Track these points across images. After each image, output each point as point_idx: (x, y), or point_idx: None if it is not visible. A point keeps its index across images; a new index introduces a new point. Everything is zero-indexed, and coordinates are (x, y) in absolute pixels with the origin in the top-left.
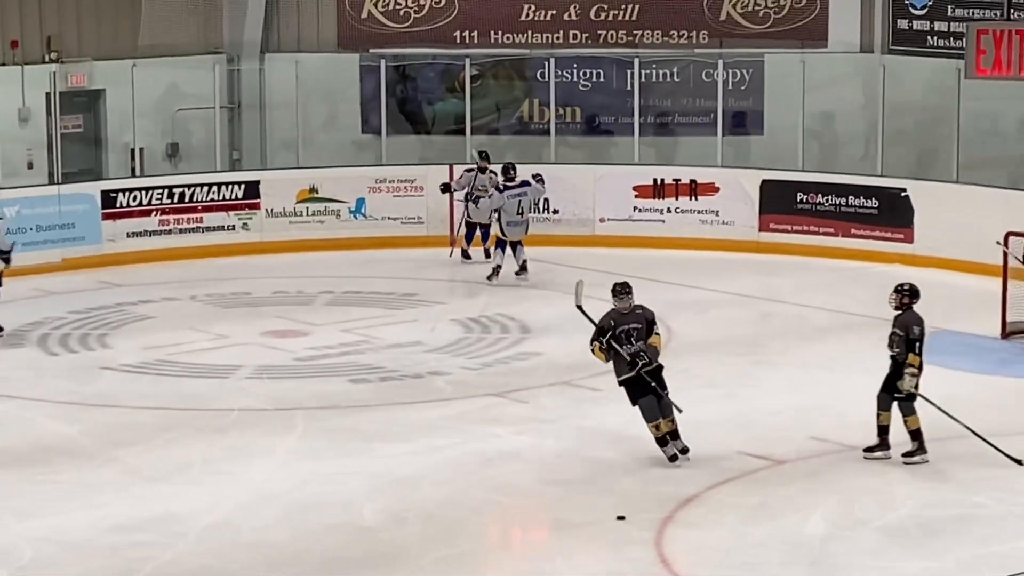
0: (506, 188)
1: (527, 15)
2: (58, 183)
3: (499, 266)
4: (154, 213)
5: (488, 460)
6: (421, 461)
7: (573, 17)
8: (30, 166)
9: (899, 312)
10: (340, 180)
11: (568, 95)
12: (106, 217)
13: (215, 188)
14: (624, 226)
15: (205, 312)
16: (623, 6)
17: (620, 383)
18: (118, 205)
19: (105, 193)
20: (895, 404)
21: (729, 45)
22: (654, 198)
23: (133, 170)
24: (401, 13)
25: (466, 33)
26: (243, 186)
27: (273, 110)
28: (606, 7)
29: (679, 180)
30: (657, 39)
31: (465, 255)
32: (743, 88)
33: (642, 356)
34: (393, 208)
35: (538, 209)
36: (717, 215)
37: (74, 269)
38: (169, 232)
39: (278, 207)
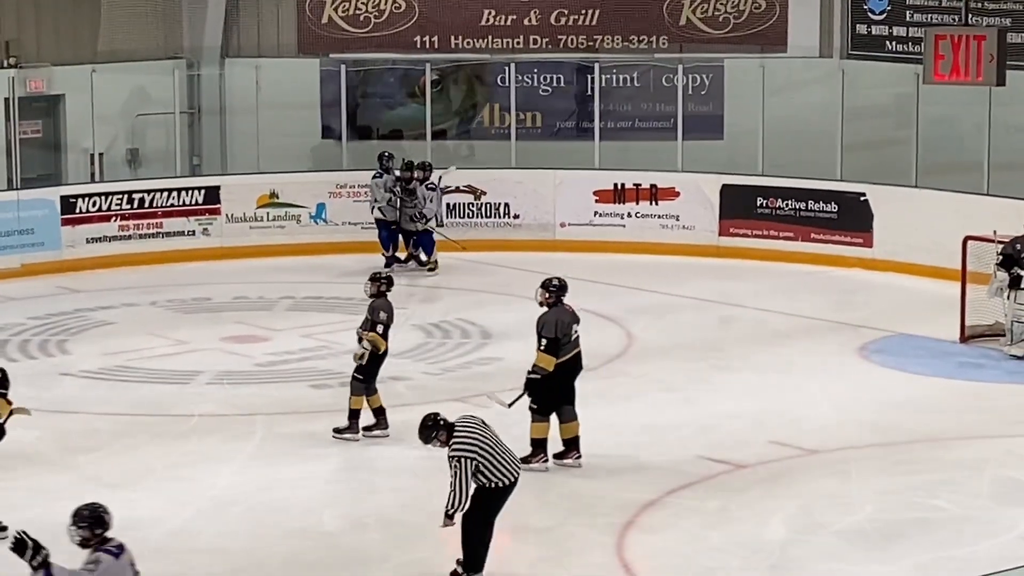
0: (433, 187)
1: (487, 20)
2: (17, 188)
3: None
4: (114, 219)
5: (446, 466)
6: (382, 466)
7: (533, 22)
8: None
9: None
10: (301, 185)
11: (528, 100)
12: (65, 223)
13: (175, 193)
14: (585, 231)
15: (165, 318)
16: (583, 11)
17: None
18: (78, 211)
19: (64, 199)
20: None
21: (689, 50)
22: (614, 203)
23: (93, 175)
24: (361, 18)
25: (426, 38)
26: (203, 191)
27: (233, 115)
28: (566, 12)
29: (639, 185)
30: (617, 44)
31: (397, 260)
32: (703, 93)
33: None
34: (354, 213)
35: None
36: (678, 220)
37: (33, 275)
38: (129, 238)
39: (238, 212)
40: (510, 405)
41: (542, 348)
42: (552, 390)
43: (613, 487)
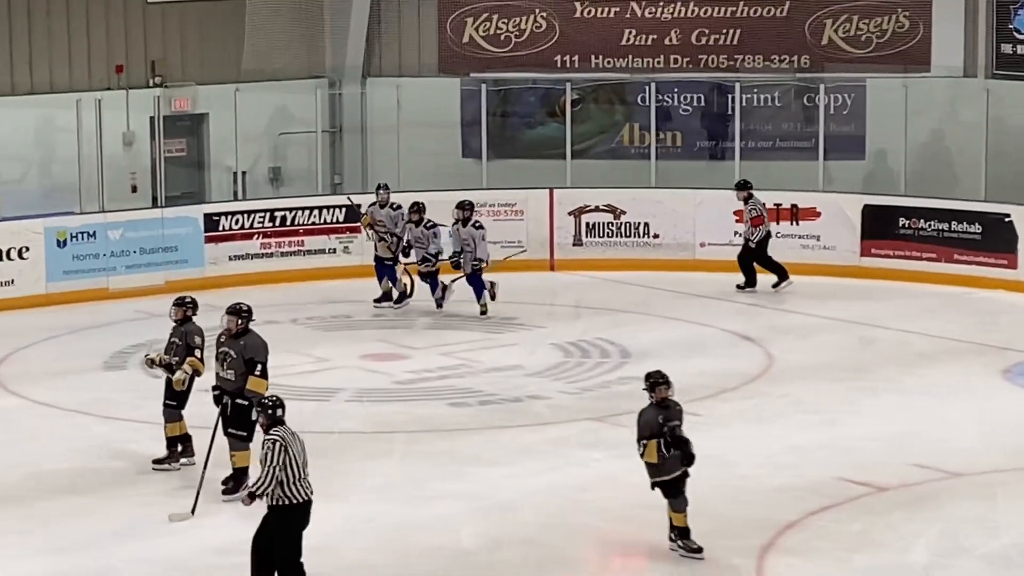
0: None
1: (628, 39)
2: (162, 206)
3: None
4: (256, 236)
5: (586, 485)
6: (520, 485)
7: (674, 42)
8: (134, 189)
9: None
10: (440, 203)
11: (668, 119)
12: (209, 240)
13: (316, 211)
14: (724, 251)
15: (306, 335)
16: (724, 31)
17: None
18: (220, 228)
19: (208, 216)
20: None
21: (831, 70)
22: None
23: (235, 193)
24: (502, 38)
25: (567, 57)
26: (344, 210)
27: (374, 134)
28: (707, 31)
29: (780, 205)
30: (758, 64)
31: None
32: (845, 113)
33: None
34: (493, 232)
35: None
36: (818, 240)
37: (177, 291)
38: (271, 255)
39: None
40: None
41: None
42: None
43: (753, 508)
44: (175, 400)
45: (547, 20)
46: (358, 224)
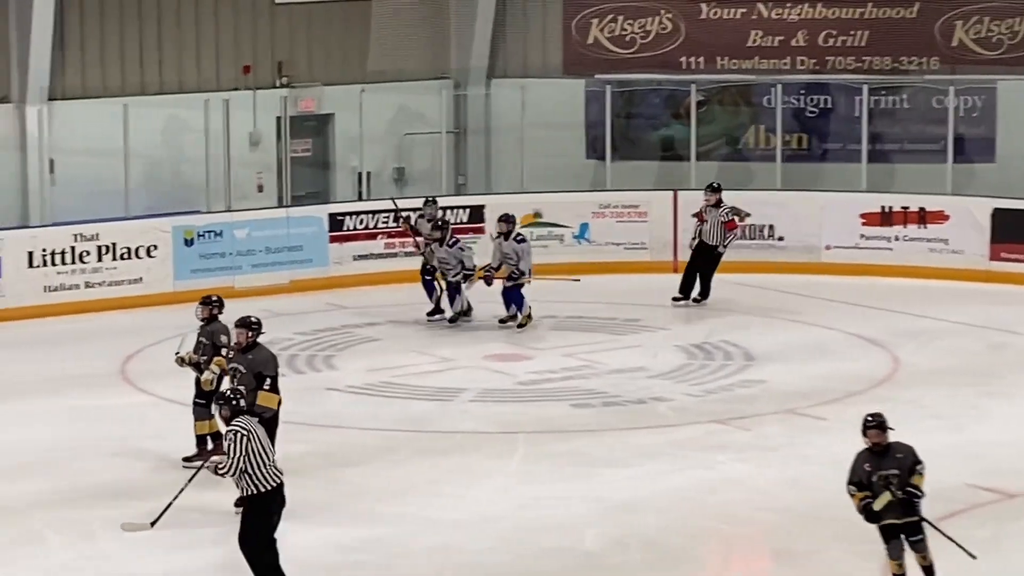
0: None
1: (754, 41)
2: (287, 206)
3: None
4: (380, 236)
5: (710, 487)
6: (643, 487)
7: (801, 43)
8: (260, 189)
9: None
10: (564, 205)
11: (795, 121)
12: (333, 240)
13: (440, 212)
14: (850, 254)
15: (429, 335)
16: (852, 32)
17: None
18: (345, 228)
19: (332, 216)
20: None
21: (961, 71)
22: (881, 225)
23: (360, 194)
24: (627, 39)
25: (692, 59)
26: (468, 210)
27: (498, 135)
28: (835, 33)
29: (907, 208)
30: (886, 65)
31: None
32: (975, 115)
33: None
34: (617, 233)
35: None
36: (946, 243)
37: (302, 291)
38: (395, 255)
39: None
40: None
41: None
42: None
43: None
44: (204, 399)
45: (672, 21)
46: (482, 224)
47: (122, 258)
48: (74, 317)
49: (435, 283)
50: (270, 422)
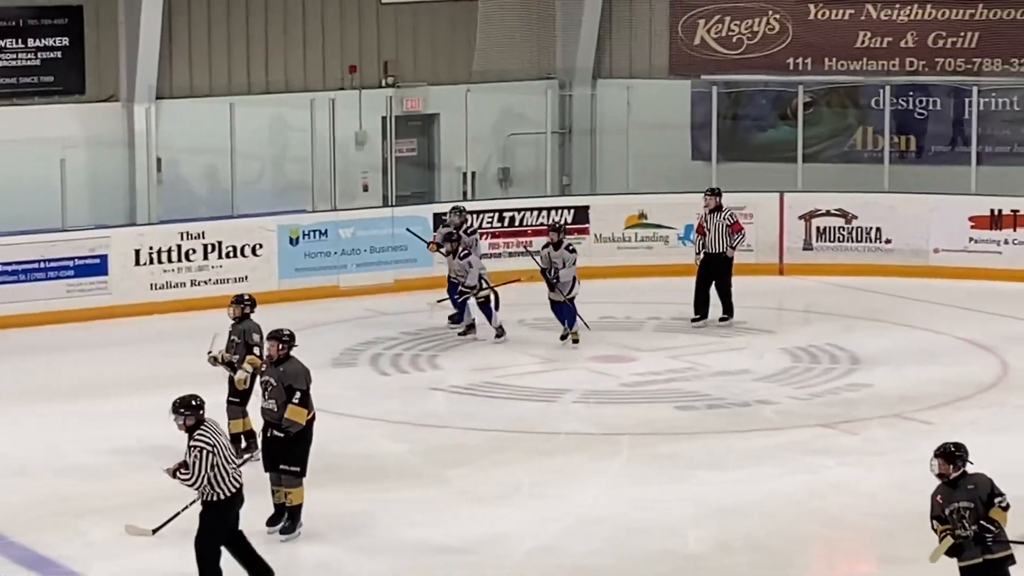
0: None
1: (862, 42)
2: (392, 206)
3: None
4: (484, 236)
5: (815, 492)
6: (747, 490)
7: (910, 44)
8: (365, 188)
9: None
10: (670, 206)
11: (903, 123)
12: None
13: (544, 212)
14: (959, 257)
15: (533, 336)
16: (962, 33)
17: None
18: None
19: (437, 216)
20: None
21: None
22: (991, 229)
23: (465, 194)
24: (734, 39)
25: (799, 60)
26: (572, 211)
27: (604, 135)
28: (944, 34)
29: (1017, 211)
30: (997, 67)
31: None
32: None
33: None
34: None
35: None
36: None
37: (406, 290)
38: (499, 255)
39: (607, 232)
40: None
41: None
42: None
43: None
44: (238, 397)
45: (780, 22)
46: (586, 225)
47: (227, 256)
48: (179, 315)
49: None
50: (302, 435)
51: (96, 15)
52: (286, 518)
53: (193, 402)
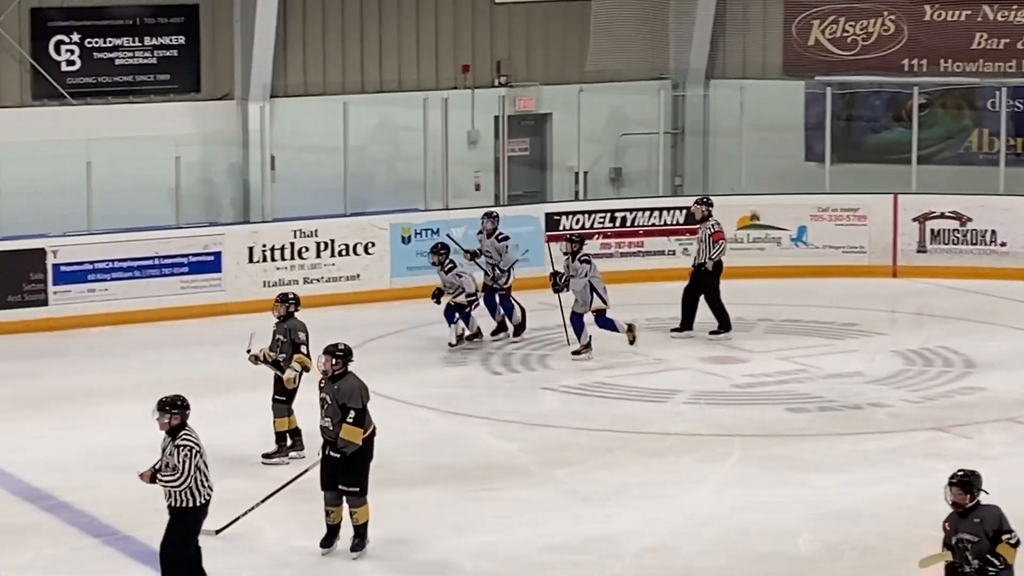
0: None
1: (979, 43)
2: (504, 205)
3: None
4: (596, 236)
5: (929, 495)
6: (859, 493)
7: None
8: (477, 188)
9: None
10: (782, 207)
11: (1020, 125)
12: (550, 239)
13: (656, 213)
14: None
15: (644, 336)
16: None
17: None
18: (561, 228)
19: (549, 216)
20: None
21: None
22: None
23: (576, 194)
24: (848, 40)
25: (915, 61)
26: (684, 212)
27: (716, 136)
28: None
29: None
30: None
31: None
32: None
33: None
34: (835, 237)
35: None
36: None
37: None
38: (610, 255)
39: None
40: None
41: None
42: None
43: None
44: (284, 396)
45: (895, 23)
46: (696, 227)
47: (340, 255)
48: None
49: (508, 303)
50: (361, 454)
51: (212, 14)
52: (354, 536)
53: (179, 402)
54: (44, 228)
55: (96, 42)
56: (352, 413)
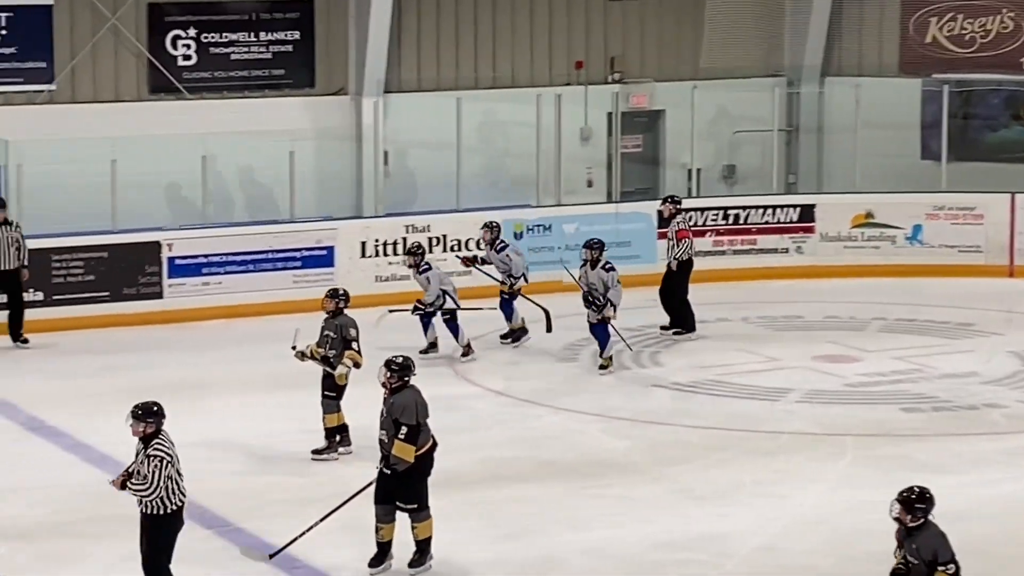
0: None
1: None
2: (616, 202)
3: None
4: (709, 234)
5: None
6: (973, 494)
7: None
8: (589, 184)
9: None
10: (897, 206)
11: None
12: (661, 236)
13: (770, 211)
14: None
15: (756, 334)
16: None
17: None
18: None
19: (660, 213)
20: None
21: None
22: None
23: (690, 191)
24: (967, 38)
25: None
26: (798, 209)
27: (831, 134)
28: None
29: None
30: None
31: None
32: None
33: None
34: (951, 236)
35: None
36: None
37: (629, 287)
38: (723, 253)
39: (832, 231)
40: None
41: None
42: None
43: None
44: (334, 392)
45: (1014, 20)
46: (812, 224)
47: (452, 250)
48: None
49: (510, 308)
50: (417, 470)
51: (327, 9)
52: (415, 551)
53: (155, 408)
54: (159, 221)
55: (212, 37)
56: (404, 429)
